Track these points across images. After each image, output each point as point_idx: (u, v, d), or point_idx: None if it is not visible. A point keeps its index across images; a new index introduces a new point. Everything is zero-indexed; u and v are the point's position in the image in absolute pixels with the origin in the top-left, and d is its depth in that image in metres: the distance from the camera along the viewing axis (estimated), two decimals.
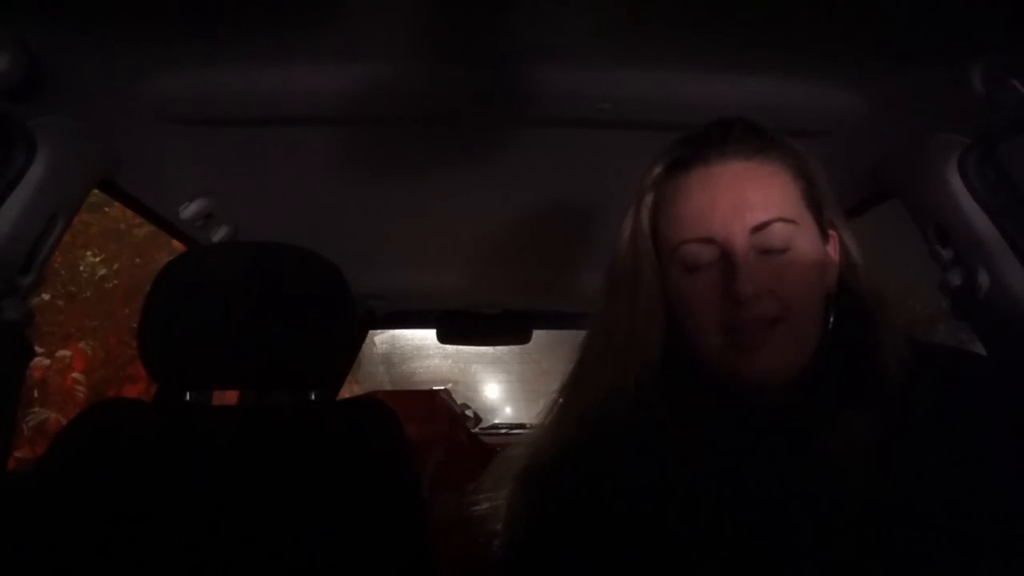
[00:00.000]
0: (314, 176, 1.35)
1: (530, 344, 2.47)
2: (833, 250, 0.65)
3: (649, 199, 0.67)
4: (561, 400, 0.71)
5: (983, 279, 0.99)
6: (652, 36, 0.91)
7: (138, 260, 4.31)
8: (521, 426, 2.87)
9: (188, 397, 1.08)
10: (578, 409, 0.67)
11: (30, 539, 0.89)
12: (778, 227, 0.60)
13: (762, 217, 0.60)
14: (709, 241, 0.61)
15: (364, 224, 1.59)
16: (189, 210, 1.37)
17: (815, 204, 0.64)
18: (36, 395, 3.69)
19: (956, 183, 1.01)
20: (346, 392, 2.55)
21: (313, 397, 1.11)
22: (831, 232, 0.65)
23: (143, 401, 1.08)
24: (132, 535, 0.90)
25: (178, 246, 1.59)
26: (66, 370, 3.89)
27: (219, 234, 1.50)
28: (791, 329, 0.59)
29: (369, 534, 0.93)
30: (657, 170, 0.67)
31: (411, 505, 0.98)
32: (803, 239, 0.61)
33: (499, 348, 3.49)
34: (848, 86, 0.99)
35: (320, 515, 0.94)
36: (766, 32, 0.88)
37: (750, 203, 0.60)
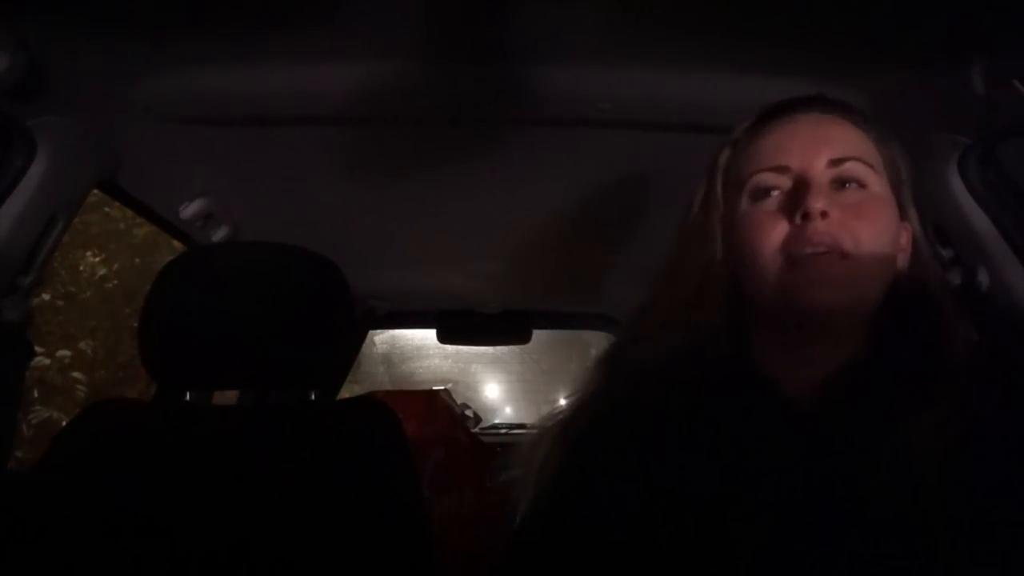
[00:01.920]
0: (314, 176, 1.35)
1: (530, 344, 2.47)
2: (905, 239, 0.62)
3: (727, 153, 0.66)
4: (609, 363, 0.69)
5: (983, 279, 0.99)
6: (652, 36, 0.91)
7: (138, 260, 4.31)
8: (521, 426, 2.87)
9: (188, 397, 1.08)
10: (635, 364, 0.65)
11: (30, 539, 0.88)
12: (856, 165, 0.58)
13: (841, 153, 0.58)
14: (784, 170, 0.59)
15: (364, 224, 1.59)
16: (189, 210, 1.37)
17: (895, 177, 0.62)
18: (36, 395, 3.69)
19: (956, 183, 1.01)
20: (346, 392, 2.55)
21: (313, 397, 1.11)
22: (905, 222, 0.63)
23: (143, 401, 1.07)
24: (132, 535, 0.90)
25: (178, 246, 1.59)
26: (66, 370, 3.89)
27: (219, 234, 1.50)
28: (854, 268, 0.56)
29: (369, 534, 0.93)
30: (740, 128, 0.66)
31: (411, 505, 0.98)
32: (879, 187, 0.59)
33: (499, 348, 3.49)
34: (848, 86, 0.99)
35: (320, 515, 0.94)
36: (766, 32, 0.88)
37: (830, 139, 0.59)
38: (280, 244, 1.06)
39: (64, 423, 1.01)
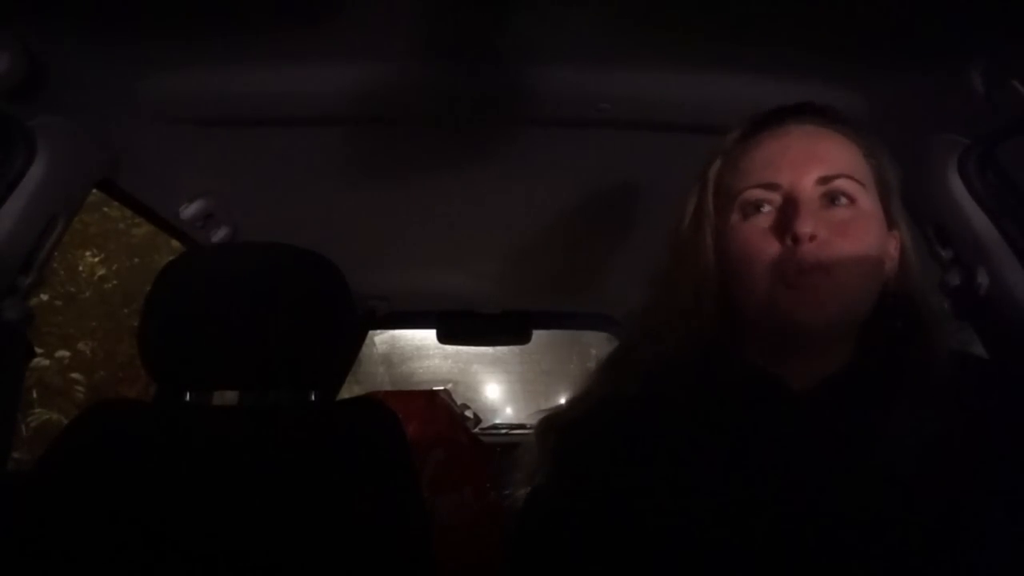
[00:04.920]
0: (314, 176, 1.35)
1: (530, 344, 2.47)
2: (893, 248, 0.64)
3: (717, 164, 0.67)
4: (603, 370, 0.70)
5: (983, 279, 0.99)
6: (652, 36, 0.91)
7: (137, 260, 4.30)
8: (521, 426, 2.87)
9: (188, 397, 1.08)
10: (642, 364, 0.66)
11: (30, 539, 0.88)
12: (845, 182, 0.60)
13: (830, 170, 0.60)
14: (774, 187, 0.60)
15: (364, 224, 1.59)
16: (189, 210, 1.37)
17: (884, 189, 0.63)
18: (36, 395, 3.69)
19: (956, 183, 1.01)
20: (346, 392, 2.54)
21: (313, 397, 1.11)
22: (894, 231, 0.64)
23: (143, 401, 1.07)
24: (132, 535, 0.90)
25: (178, 246, 1.59)
26: (65, 371, 3.88)
27: (219, 234, 1.50)
28: (841, 283, 0.57)
29: (369, 534, 0.93)
30: (731, 138, 0.67)
31: (411, 505, 0.98)
32: (868, 203, 0.60)
33: (499, 348, 3.49)
34: (848, 87, 0.99)
35: (320, 515, 0.94)
36: (766, 33, 0.88)
37: (820, 156, 0.60)
38: (280, 244, 1.06)
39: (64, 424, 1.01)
